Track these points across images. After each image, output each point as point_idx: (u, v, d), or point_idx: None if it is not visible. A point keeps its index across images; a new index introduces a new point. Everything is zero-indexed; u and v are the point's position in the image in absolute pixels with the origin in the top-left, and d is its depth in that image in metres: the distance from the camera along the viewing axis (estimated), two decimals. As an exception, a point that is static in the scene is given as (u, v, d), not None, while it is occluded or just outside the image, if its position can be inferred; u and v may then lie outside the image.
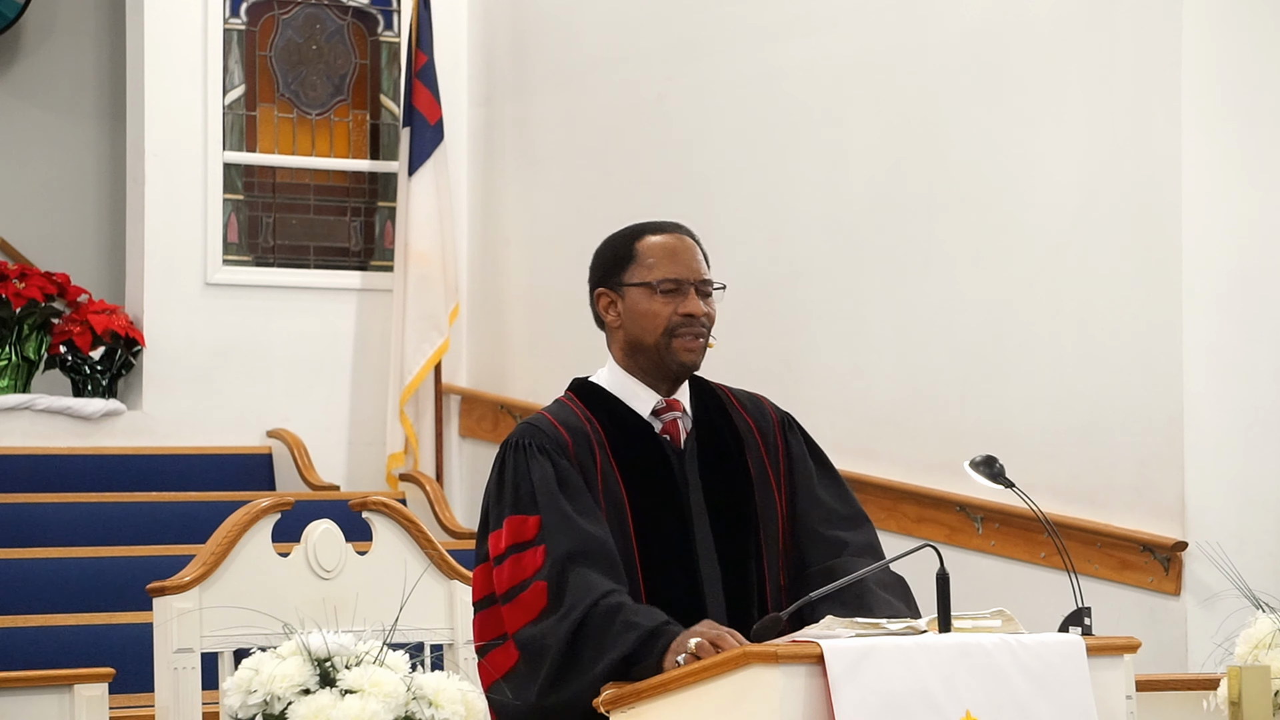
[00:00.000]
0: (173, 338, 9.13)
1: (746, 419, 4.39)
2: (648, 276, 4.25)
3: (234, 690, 4.08)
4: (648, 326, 4.25)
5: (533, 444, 4.18)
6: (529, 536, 4.09)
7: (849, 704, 3.66)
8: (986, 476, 4.41)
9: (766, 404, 4.45)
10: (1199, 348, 6.95)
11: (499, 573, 4.10)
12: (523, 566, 4.07)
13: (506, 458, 4.19)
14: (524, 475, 4.15)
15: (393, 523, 4.77)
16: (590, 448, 4.21)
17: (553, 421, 4.24)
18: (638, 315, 4.26)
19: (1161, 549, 6.95)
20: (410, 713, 4.00)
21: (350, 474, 9.36)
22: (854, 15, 7.97)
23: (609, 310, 4.33)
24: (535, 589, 4.04)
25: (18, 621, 7.09)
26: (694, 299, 4.23)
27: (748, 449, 4.34)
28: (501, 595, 4.08)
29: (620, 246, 4.33)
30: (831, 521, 4.33)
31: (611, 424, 4.25)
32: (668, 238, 4.29)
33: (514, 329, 9.47)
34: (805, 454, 4.41)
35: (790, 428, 4.43)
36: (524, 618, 4.03)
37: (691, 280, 4.24)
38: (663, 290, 4.24)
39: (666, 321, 4.23)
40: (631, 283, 4.27)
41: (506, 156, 9.55)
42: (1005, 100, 7.46)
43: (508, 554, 4.09)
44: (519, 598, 4.04)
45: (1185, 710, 5.03)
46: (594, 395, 4.32)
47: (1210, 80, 6.98)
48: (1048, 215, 7.33)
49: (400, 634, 4.27)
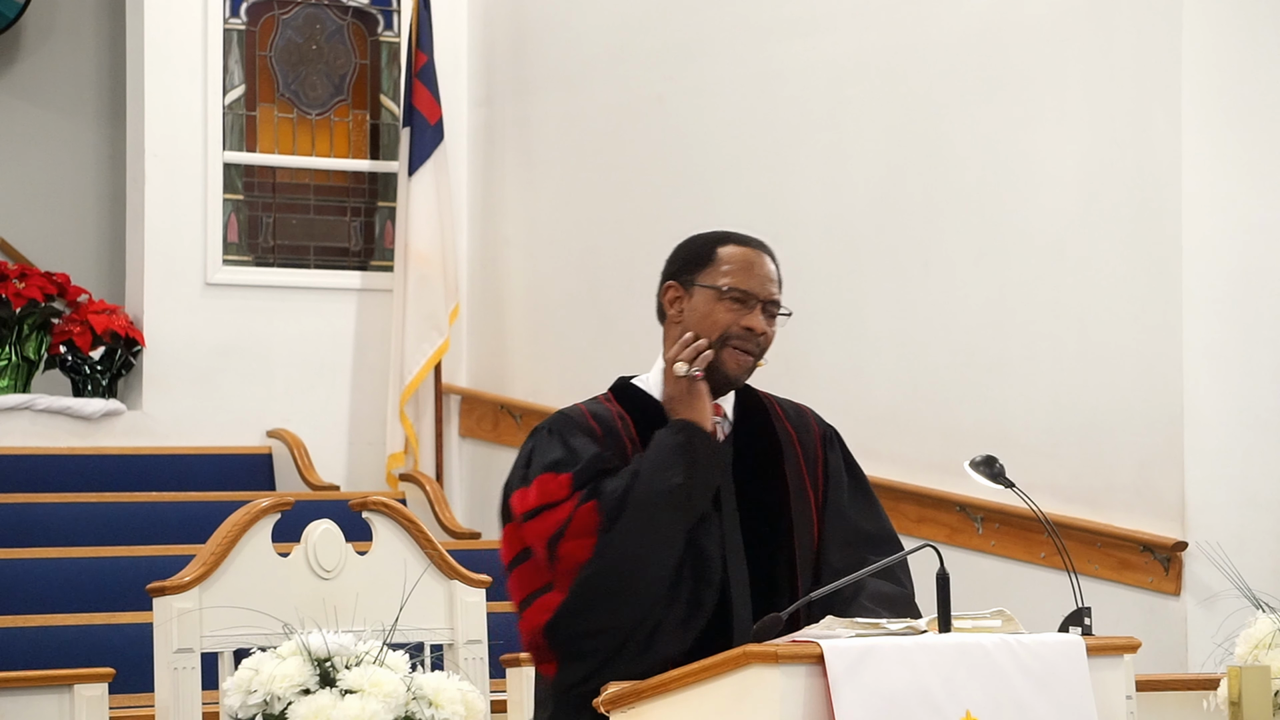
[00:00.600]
0: (173, 338, 9.13)
1: (788, 428, 4.43)
2: (719, 281, 4.28)
3: (234, 690, 4.08)
4: (706, 328, 4.28)
5: (565, 428, 4.25)
6: (562, 495, 4.14)
7: (849, 704, 3.66)
8: (986, 476, 4.41)
9: (811, 416, 4.50)
10: (1199, 348, 6.95)
11: (531, 528, 4.15)
12: (560, 511, 4.14)
13: (539, 438, 4.26)
14: (558, 444, 4.22)
15: (393, 523, 4.77)
16: (620, 441, 4.26)
17: (584, 411, 4.30)
18: (700, 316, 4.30)
19: (1161, 549, 6.95)
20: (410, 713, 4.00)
21: (350, 474, 9.35)
22: (854, 15, 7.97)
23: (674, 304, 4.35)
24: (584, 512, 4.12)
25: (18, 621, 7.09)
26: (758, 315, 4.29)
27: (785, 458, 4.38)
28: (547, 542, 4.11)
29: (701, 247, 4.36)
30: (855, 542, 4.35)
31: (646, 423, 4.29)
32: (749, 251, 4.33)
33: (514, 329, 9.47)
34: (842, 468, 4.44)
35: (831, 442, 4.47)
36: (587, 541, 4.09)
37: (761, 297, 4.29)
38: (730, 298, 4.28)
39: (725, 329, 4.28)
40: (703, 284, 4.30)
41: (506, 156, 9.55)
42: (1005, 100, 7.46)
43: (538, 510, 4.16)
44: (569, 532, 4.10)
45: (1185, 710, 5.03)
46: (631, 395, 4.37)
47: (1210, 80, 6.98)
48: (1048, 215, 7.33)
49: (400, 634, 4.27)
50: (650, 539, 4.09)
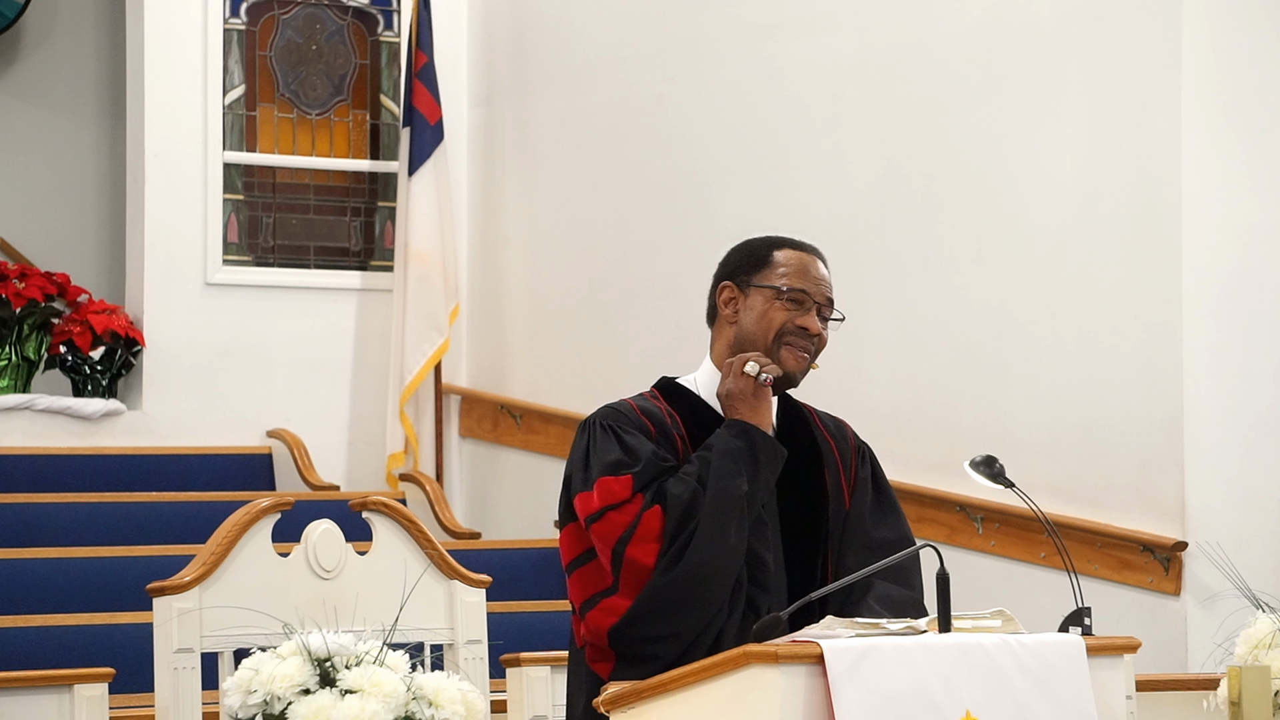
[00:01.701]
0: (173, 338, 9.13)
1: (828, 438, 4.48)
2: (777, 282, 4.35)
3: (234, 690, 4.07)
4: (762, 328, 4.33)
5: (619, 425, 4.26)
6: (624, 496, 4.16)
7: (849, 704, 3.66)
8: (986, 476, 4.41)
9: (848, 429, 4.55)
10: (1199, 348, 6.95)
11: (596, 531, 4.17)
12: (627, 514, 4.16)
13: (594, 432, 4.27)
14: (613, 444, 4.23)
15: (393, 523, 4.77)
16: (670, 436, 4.29)
17: (634, 408, 4.32)
18: (756, 316, 4.34)
19: (1161, 549, 6.95)
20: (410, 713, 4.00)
21: (350, 474, 9.35)
22: (854, 15, 7.97)
23: (729, 304, 4.39)
24: (650, 516, 4.14)
25: (18, 621, 7.08)
26: (813, 316, 4.35)
27: (825, 465, 4.42)
28: (613, 548, 4.14)
29: (758, 249, 4.42)
30: (870, 545, 4.39)
31: (693, 421, 4.32)
32: (805, 255, 4.42)
33: (514, 329, 9.46)
34: (868, 481, 4.49)
35: (864, 457, 4.52)
36: (653, 545, 4.12)
37: (817, 298, 4.36)
38: (788, 298, 4.33)
39: (781, 327, 4.33)
40: (760, 284, 4.35)
41: (506, 156, 9.55)
42: (1005, 100, 7.46)
43: (601, 513, 4.17)
44: (636, 536, 4.13)
45: (1185, 710, 5.03)
46: (677, 393, 4.40)
47: (1210, 80, 6.98)
48: (1048, 215, 7.32)
49: (400, 634, 4.27)
50: (719, 547, 4.13)
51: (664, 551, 4.13)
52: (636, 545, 4.13)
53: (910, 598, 4.28)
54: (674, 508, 4.14)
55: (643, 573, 4.12)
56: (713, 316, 4.42)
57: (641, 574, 4.12)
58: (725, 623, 4.14)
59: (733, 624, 4.15)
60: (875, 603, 4.19)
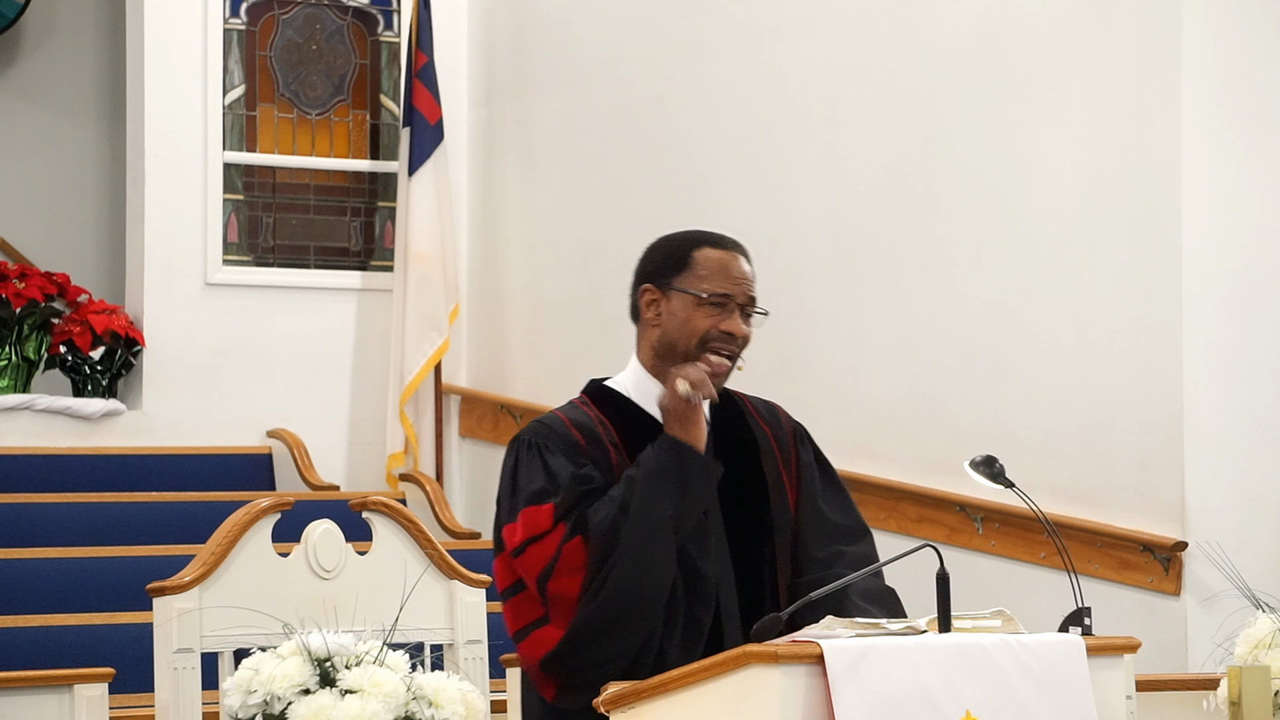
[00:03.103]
0: (173, 338, 9.13)
1: (763, 426, 4.43)
2: (698, 286, 4.27)
3: (234, 690, 4.07)
4: (685, 334, 4.27)
5: (546, 443, 4.23)
6: (545, 526, 4.14)
7: (849, 704, 3.66)
8: (986, 476, 4.41)
9: (781, 412, 4.50)
10: (1199, 348, 6.95)
11: (522, 564, 4.16)
12: (547, 546, 4.14)
13: (520, 454, 4.25)
14: (538, 470, 4.20)
15: (393, 523, 4.77)
16: (604, 447, 4.25)
17: (565, 420, 4.29)
18: (678, 321, 4.29)
19: (1161, 549, 6.95)
20: (410, 713, 3.99)
21: (350, 474, 9.35)
22: (854, 15, 7.97)
23: (650, 307, 4.34)
24: (571, 548, 4.12)
25: (18, 621, 7.09)
26: (737, 319, 4.28)
27: (763, 455, 4.39)
28: (536, 580, 4.13)
29: (677, 250, 4.35)
30: (831, 534, 4.37)
31: (627, 426, 4.29)
32: (725, 253, 4.32)
33: (514, 329, 9.47)
34: (813, 464, 4.45)
35: (802, 439, 4.48)
36: (576, 576, 4.10)
37: (739, 300, 4.29)
38: (710, 303, 4.27)
39: (704, 333, 4.27)
40: (681, 288, 4.29)
41: (506, 156, 9.55)
42: (1005, 100, 7.46)
43: (524, 545, 4.16)
44: (558, 569, 4.11)
45: (1185, 710, 5.03)
46: (608, 399, 4.36)
47: (1210, 80, 6.98)
48: (1048, 215, 7.33)
49: (400, 634, 4.27)
50: (642, 573, 4.09)
51: (588, 582, 4.10)
52: (559, 579, 4.11)
53: (886, 588, 4.28)
54: (595, 537, 4.11)
55: (570, 604, 4.11)
56: (636, 315, 4.38)
57: (569, 605, 4.11)
58: (665, 642, 4.12)
59: (674, 641, 4.12)
60: (859, 598, 4.18)
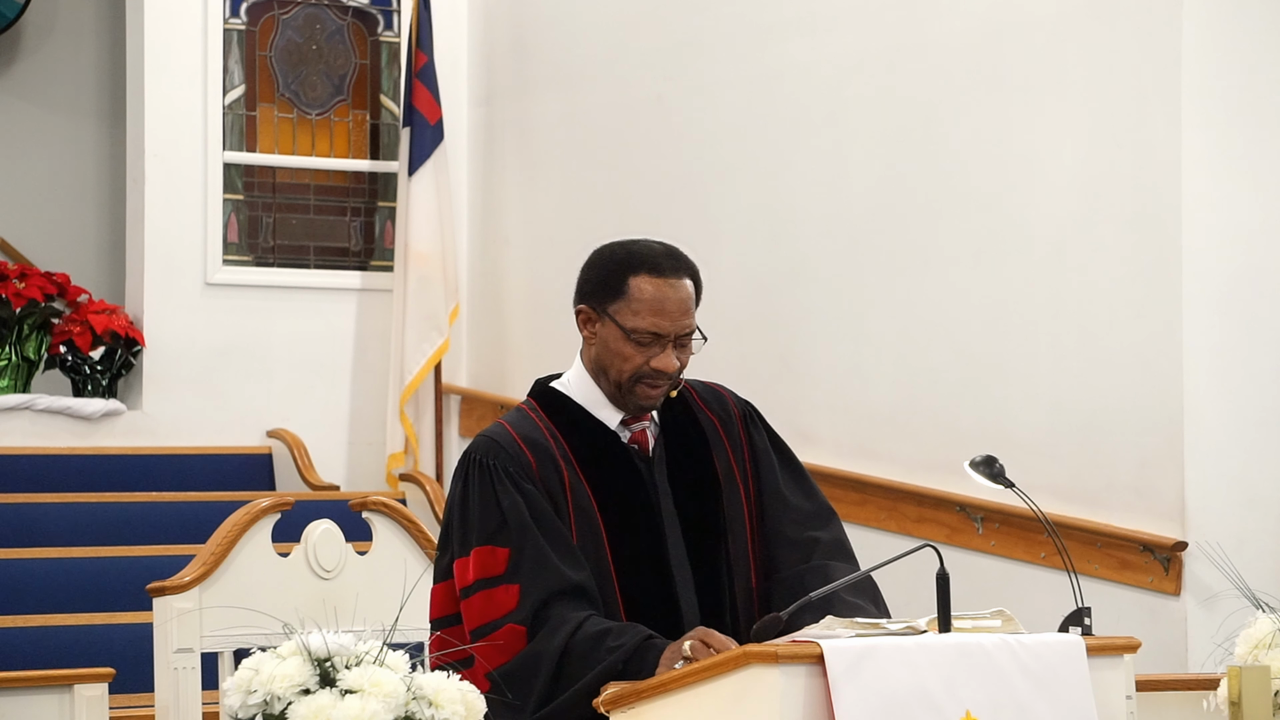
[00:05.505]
0: (173, 338, 9.13)
1: (710, 416, 4.36)
2: (629, 322, 4.18)
3: (234, 690, 4.07)
4: (616, 364, 4.20)
5: (497, 466, 4.15)
6: (499, 571, 4.10)
7: (849, 704, 3.65)
8: (986, 476, 4.41)
9: (727, 396, 4.42)
10: (1199, 348, 6.95)
11: (468, 606, 4.12)
12: (495, 604, 4.09)
13: (470, 476, 4.17)
14: (491, 504, 4.13)
15: (393, 523, 4.77)
16: (555, 464, 4.19)
17: (515, 438, 4.20)
18: (610, 350, 4.21)
19: (1161, 549, 6.95)
20: (410, 713, 3.99)
21: (350, 474, 9.36)
22: (854, 15, 7.97)
23: (586, 326, 4.28)
24: (511, 631, 4.07)
25: (18, 621, 7.09)
26: (668, 354, 4.17)
27: (714, 449, 4.33)
28: (472, 630, 4.10)
29: (613, 274, 4.24)
30: (800, 522, 4.32)
31: (577, 436, 4.23)
32: (661, 283, 4.18)
33: (514, 329, 9.47)
34: (768, 447, 4.39)
35: (752, 420, 4.40)
36: (500, 658, 4.06)
37: (672, 335, 4.18)
38: (641, 341, 4.17)
39: (635, 370, 4.18)
40: (614, 317, 4.21)
41: (506, 156, 9.55)
42: (1005, 100, 7.46)
43: (476, 587, 4.11)
44: (492, 637, 4.07)
45: (1185, 710, 5.03)
46: (559, 405, 4.29)
47: (1210, 80, 6.98)
48: (1048, 215, 7.33)
49: (400, 634, 4.26)
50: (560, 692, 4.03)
51: (508, 668, 4.04)
52: (491, 645, 4.06)
53: (867, 579, 4.23)
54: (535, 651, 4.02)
55: (495, 662, 4.05)
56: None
57: (495, 662, 4.06)
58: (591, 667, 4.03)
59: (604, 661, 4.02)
60: (845, 592, 4.14)
